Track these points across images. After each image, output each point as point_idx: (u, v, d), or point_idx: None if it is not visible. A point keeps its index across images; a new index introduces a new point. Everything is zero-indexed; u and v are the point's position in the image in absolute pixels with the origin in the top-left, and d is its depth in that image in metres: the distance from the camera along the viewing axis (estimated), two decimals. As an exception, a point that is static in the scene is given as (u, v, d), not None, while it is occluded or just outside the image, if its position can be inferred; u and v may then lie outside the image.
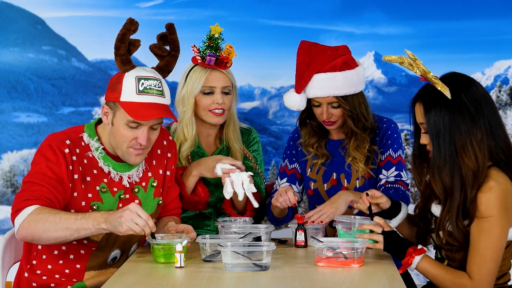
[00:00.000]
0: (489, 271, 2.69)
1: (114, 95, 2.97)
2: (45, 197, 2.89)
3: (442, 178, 2.72)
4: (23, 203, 2.88)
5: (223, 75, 3.51)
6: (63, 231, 2.82)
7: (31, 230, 2.84)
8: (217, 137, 3.64)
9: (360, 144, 3.46)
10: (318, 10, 5.29)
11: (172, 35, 3.08)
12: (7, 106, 5.36)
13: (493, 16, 5.23)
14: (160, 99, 2.97)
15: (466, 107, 2.69)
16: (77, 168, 2.98)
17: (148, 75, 2.98)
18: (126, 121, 2.95)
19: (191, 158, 3.57)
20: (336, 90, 3.36)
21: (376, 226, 2.87)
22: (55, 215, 2.83)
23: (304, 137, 3.57)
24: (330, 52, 3.39)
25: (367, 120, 3.45)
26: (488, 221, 2.66)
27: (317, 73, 3.36)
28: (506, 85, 5.33)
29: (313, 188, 3.57)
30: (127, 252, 3.17)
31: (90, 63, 5.41)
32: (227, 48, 3.50)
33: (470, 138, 2.68)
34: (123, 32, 2.95)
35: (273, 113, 5.50)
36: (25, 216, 2.85)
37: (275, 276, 2.70)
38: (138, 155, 3.02)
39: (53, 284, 3.07)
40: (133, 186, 3.10)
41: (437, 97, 2.71)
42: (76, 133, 3.05)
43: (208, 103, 3.50)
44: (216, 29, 3.51)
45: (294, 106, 3.44)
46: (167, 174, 3.23)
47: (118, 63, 2.98)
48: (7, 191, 5.41)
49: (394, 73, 5.48)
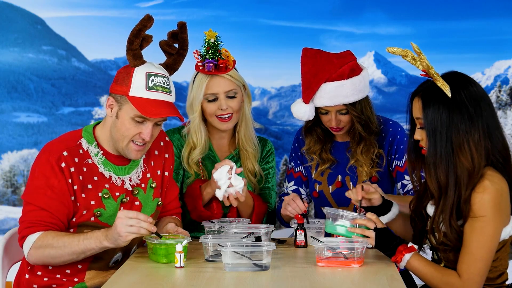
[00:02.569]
0: (479, 271, 2.69)
1: (122, 89, 2.97)
2: (48, 222, 2.95)
3: (437, 176, 2.72)
4: (26, 231, 2.95)
5: (224, 80, 3.48)
6: (69, 256, 2.93)
7: (39, 258, 2.95)
8: (231, 141, 3.62)
9: (368, 149, 3.46)
10: (318, 10, 5.29)
11: (183, 34, 3.09)
12: (7, 106, 5.36)
13: (493, 16, 5.23)
14: (167, 97, 2.99)
15: (465, 107, 2.69)
16: (77, 178, 2.99)
17: (158, 71, 3.00)
18: (133, 115, 2.97)
19: (202, 161, 3.57)
20: (346, 98, 3.35)
21: (370, 222, 2.87)
22: (58, 241, 2.91)
23: (308, 144, 3.56)
24: (336, 60, 3.36)
25: (373, 124, 3.45)
26: (481, 221, 2.66)
27: (325, 82, 3.34)
28: (506, 85, 5.33)
29: (318, 190, 3.56)
30: (128, 254, 3.17)
31: (90, 63, 5.41)
32: (223, 52, 3.47)
33: (467, 138, 2.68)
34: (139, 27, 2.97)
35: (273, 113, 5.50)
36: (31, 244, 2.94)
37: (275, 276, 2.70)
38: (138, 151, 3.03)
39: (55, 285, 3.07)
40: (133, 188, 3.11)
41: (437, 94, 2.71)
42: (74, 140, 3.05)
43: (213, 110, 3.49)
44: (211, 34, 3.48)
45: (303, 117, 3.41)
46: (165, 175, 3.23)
47: (129, 57, 2.99)
48: (7, 191, 5.41)
49: (394, 73, 5.48)
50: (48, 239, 2.91)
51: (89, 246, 2.89)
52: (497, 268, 2.79)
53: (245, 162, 3.56)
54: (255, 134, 3.62)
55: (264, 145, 3.65)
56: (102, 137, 3.07)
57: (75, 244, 2.89)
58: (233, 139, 3.62)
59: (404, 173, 3.47)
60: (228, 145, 3.62)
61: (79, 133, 3.08)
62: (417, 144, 2.83)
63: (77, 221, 3.00)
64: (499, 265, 2.80)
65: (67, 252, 2.91)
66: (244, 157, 3.57)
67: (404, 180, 3.47)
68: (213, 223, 3.27)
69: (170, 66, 3.10)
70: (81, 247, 2.89)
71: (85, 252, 2.91)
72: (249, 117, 3.58)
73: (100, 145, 3.07)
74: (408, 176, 3.45)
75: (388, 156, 3.51)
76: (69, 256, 2.92)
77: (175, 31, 3.10)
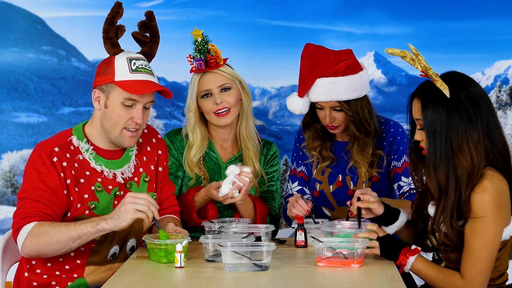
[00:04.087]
0: (481, 271, 2.69)
1: (106, 77, 3.02)
2: (42, 212, 2.94)
3: (437, 176, 2.72)
4: (21, 222, 2.94)
5: (215, 75, 3.49)
6: (65, 242, 2.90)
7: (34, 247, 2.92)
8: (234, 143, 3.62)
9: (363, 149, 3.44)
10: (318, 10, 5.29)
11: (152, 22, 3.16)
12: (7, 106, 5.37)
13: (493, 16, 5.24)
14: (151, 77, 3.05)
15: (464, 107, 2.69)
16: (69, 173, 3.00)
17: (138, 56, 3.07)
18: (122, 100, 3.01)
19: (203, 163, 3.56)
20: (339, 95, 3.34)
21: (372, 234, 2.86)
22: (54, 228, 2.89)
23: (307, 140, 3.55)
24: (333, 57, 3.36)
25: (369, 125, 3.43)
26: (482, 221, 2.66)
27: (320, 77, 3.34)
28: (506, 85, 5.33)
29: (318, 190, 3.56)
30: (125, 247, 3.17)
31: (90, 63, 5.41)
32: (210, 48, 3.49)
33: (466, 138, 2.68)
34: (112, 15, 3.05)
35: (273, 113, 5.50)
36: (26, 234, 2.91)
37: (275, 276, 2.70)
38: (131, 137, 3.06)
39: (54, 282, 3.07)
40: (126, 182, 3.12)
41: (436, 94, 2.71)
42: (64, 137, 3.08)
43: (210, 106, 3.49)
44: (197, 32, 3.49)
45: (296, 109, 3.42)
46: (159, 170, 3.26)
47: (107, 46, 3.06)
48: (7, 191, 5.41)
49: (394, 73, 5.48)
50: (44, 226, 2.90)
51: (85, 229, 2.87)
52: (497, 268, 2.79)
53: (247, 163, 3.56)
54: (256, 132, 3.62)
55: (269, 148, 3.65)
56: (91, 133, 3.11)
57: (71, 229, 2.88)
58: (236, 141, 3.62)
59: (401, 175, 3.47)
60: (231, 147, 3.62)
61: (69, 132, 3.12)
62: (418, 145, 2.83)
63: (72, 215, 3.02)
64: (499, 265, 2.80)
65: (63, 238, 2.88)
66: (247, 157, 3.57)
67: (401, 181, 3.47)
68: (213, 223, 3.27)
69: (147, 54, 3.15)
70: (77, 231, 2.87)
71: (81, 237, 2.88)
72: (250, 114, 3.59)
73: (90, 141, 3.10)
74: (405, 178, 3.46)
75: (388, 156, 3.51)
76: (65, 243, 2.89)
77: (144, 21, 3.17)
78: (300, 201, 3.30)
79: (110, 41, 3.06)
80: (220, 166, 3.57)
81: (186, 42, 3.54)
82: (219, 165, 3.57)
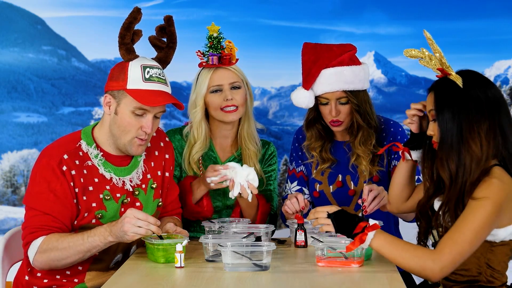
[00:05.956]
0: (461, 253, 2.60)
1: (119, 84, 2.98)
2: (51, 226, 2.95)
3: (449, 164, 2.71)
4: (30, 236, 2.95)
5: (228, 72, 3.48)
6: (75, 256, 2.92)
7: (45, 262, 2.94)
8: (234, 142, 3.61)
9: (366, 139, 3.44)
10: (318, 10, 5.29)
11: (170, 27, 3.10)
12: (7, 106, 5.37)
13: (493, 16, 5.24)
14: (164, 87, 3.01)
15: (478, 99, 2.70)
16: (78, 181, 2.99)
17: (152, 63, 3.02)
18: (132, 108, 2.97)
19: (202, 162, 3.56)
20: (345, 84, 3.35)
21: (317, 212, 2.80)
22: (63, 242, 2.90)
23: (309, 140, 3.55)
24: (336, 48, 3.38)
25: (371, 119, 3.44)
26: (481, 202, 2.60)
27: (325, 68, 3.35)
28: (506, 85, 5.33)
29: (318, 190, 3.55)
30: (128, 254, 3.17)
31: (90, 63, 5.41)
32: (227, 44, 3.49)
33: (478, 125, 2.68)
34: (129, 20, 2.97)
35: (273, 113, 5.51)
36: (36, 250, 2.93)
37: (275, 276, 2.70)
38: (140, 146, 3.03)
39: (55, 286, 3.06)
40: (134, 189, 3.11)
41: (450, 86, 2.73)
42: (73, 142, 3.05)
43: (218, 102, 3.47)
44: (213, 28, 3.49)
45: (303, 103, 3.40)
46: (166, 175, 3.23)
47: (122, 51, 3.00)
48: (7, 191, 5.41)
49: (394, 73, 5.48)
50: (52, 241, 2.91)
51: (94, 243, 2.89)
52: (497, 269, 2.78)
53: (247, 163, 3.55)
54: (257, 134, 3.62)
55: (267, 148, 3.64)
56: (100, 138, 3.07)
57: (80, 243, 2.89)
58: (236, 140, 3.61)
59: None
60: (231, 146, 3.61)
61: (78, 135, 3.08)
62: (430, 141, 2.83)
63: (79, 223, 3.00)
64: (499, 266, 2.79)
65: (72, 253, 2.90)
66: (246, 156, 3.57)
67: None
68: (213, 223, 3.27)
69: (162, 60, 3.11)
70: (86, 245, 2.89)
71: (91, 250, 2.91)
72: (252, 116, 3.58)
73: (99, 146, 3.07)
74: None
75: (388, 156, 3.51)
76: (76, 256, 2.92)
77: (162, 25, 3.11)
78: (299, 197, 3.30)
79: (126, 46, 2.99)
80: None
81: (186, 42, 3.55)
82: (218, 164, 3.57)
